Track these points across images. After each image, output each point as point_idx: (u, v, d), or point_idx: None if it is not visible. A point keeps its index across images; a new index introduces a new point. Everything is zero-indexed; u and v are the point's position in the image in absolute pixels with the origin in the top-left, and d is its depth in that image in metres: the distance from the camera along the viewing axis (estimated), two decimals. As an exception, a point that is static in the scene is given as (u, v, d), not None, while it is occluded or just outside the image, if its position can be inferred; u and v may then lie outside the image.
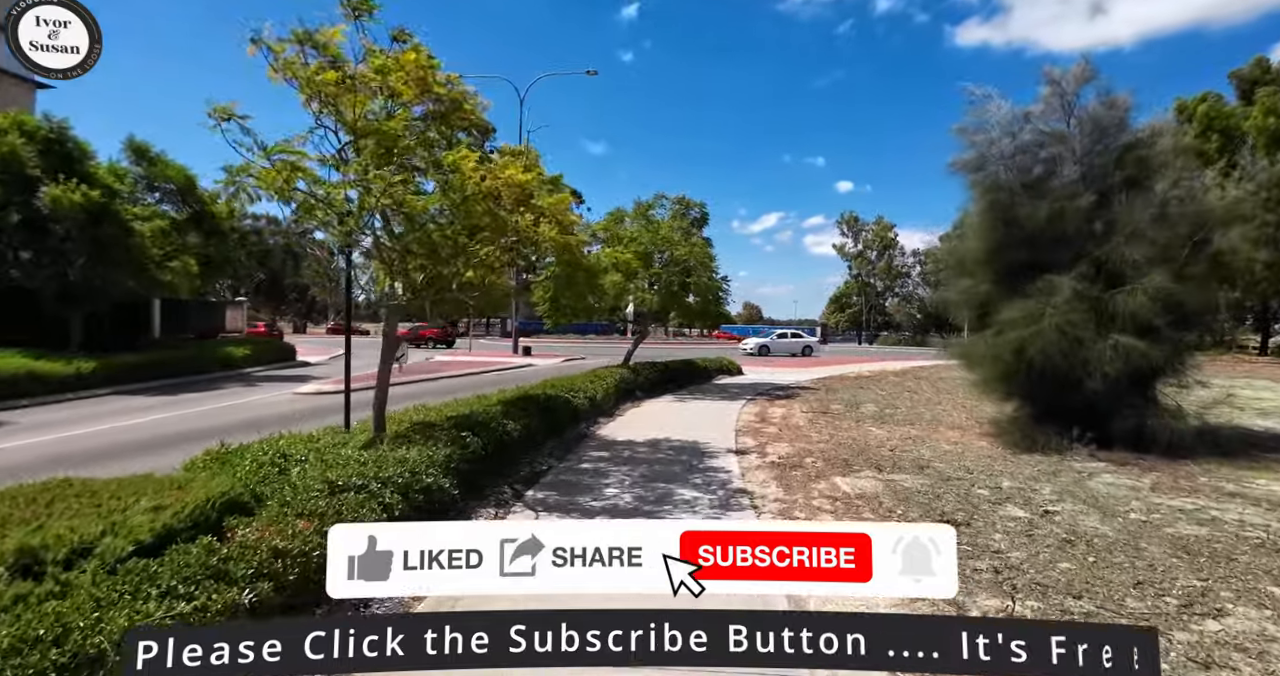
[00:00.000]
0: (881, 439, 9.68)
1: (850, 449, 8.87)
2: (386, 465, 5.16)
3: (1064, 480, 7.25)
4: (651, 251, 15.31)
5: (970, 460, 8.25)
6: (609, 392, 12.42)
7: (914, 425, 11.06)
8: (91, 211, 16.26)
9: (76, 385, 14.95)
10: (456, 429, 6.70)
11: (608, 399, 12.21)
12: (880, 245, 75.17)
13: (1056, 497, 6.47)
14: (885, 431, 10.39)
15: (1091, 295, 8.57)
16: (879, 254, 75.81)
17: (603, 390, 12.11)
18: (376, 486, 4.69)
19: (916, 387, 17.30)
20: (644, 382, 14.78)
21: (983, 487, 6.81)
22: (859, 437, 9.76)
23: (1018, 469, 7.79)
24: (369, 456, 5.49)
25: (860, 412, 12.49)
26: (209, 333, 29.36)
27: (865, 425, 11.00)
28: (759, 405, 13.45)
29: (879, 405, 13.62)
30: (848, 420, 11.53)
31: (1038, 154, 9.33)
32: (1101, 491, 6.77)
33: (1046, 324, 8.61)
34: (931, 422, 11.34)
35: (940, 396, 15.25)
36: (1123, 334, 8.39)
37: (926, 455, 8.52)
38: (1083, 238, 8.99)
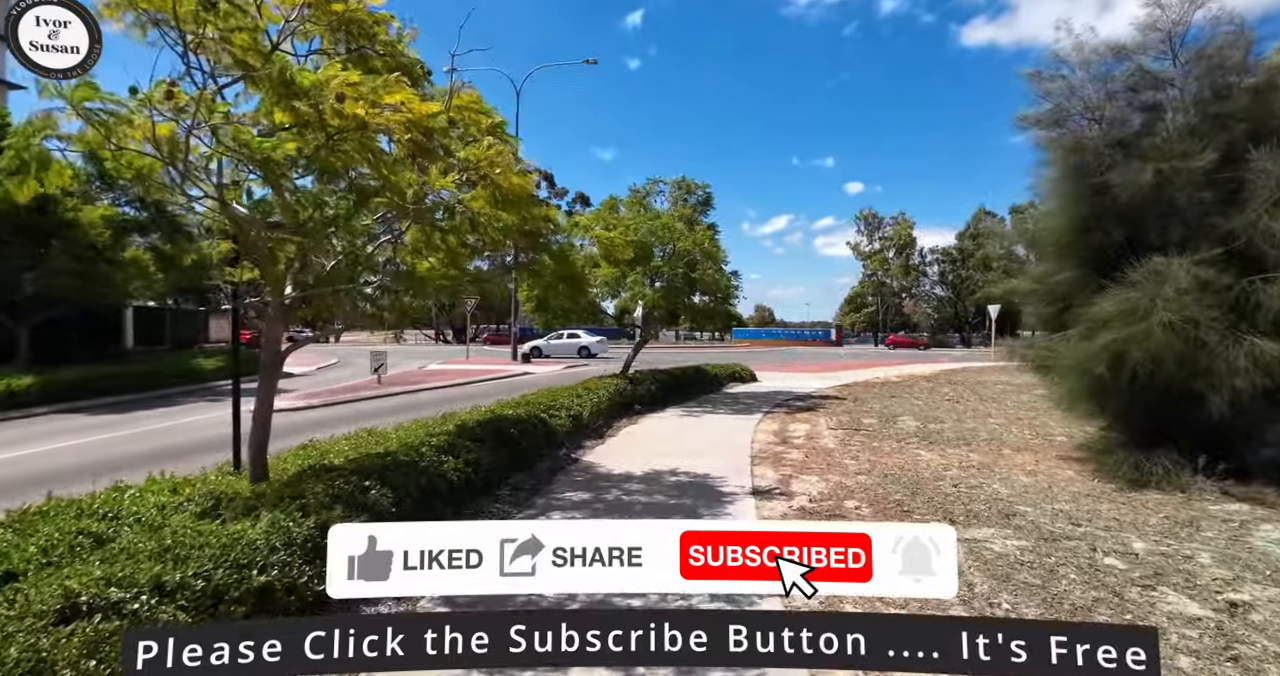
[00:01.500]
0: (936, 467, 7.66)
1: (900, 483, 6.86)
2: (205, 548, 3.26)
3: (1213, 535, 5.21)
4: (650, 242, 13.39)
5: (1066, 501, 6.22)
6: (599, 408, 10.48)
7: (970, 446, 9.02)
8: (30, 208, 14.58)
9: (7, 404, 13.27)
10: (362, 475, 4.78)
11: (597, 416, 10.27)
12: (899, 243, 72.68)
13: (1227, 570, 4.43)
14: (938, 455, 8.36)
15: (1220, 284, 6.51)
16: (897, 252, 73.33)
17: (591, 406, 10.17)
18: (149, 602, 2.77)
19: (957, 395, 15.20)
20: (644, 395, 12.83)
21: (1109, 553, 4.78)
22: (907, 465, 7.74)
23: (1138, 515, 5.75)
24: (202, 529, 3.60)
25: (899, 429, 10.45)
26: (190, 343, 27.78)
27: (911, 447, 8.97)
28: (778, 420, 11.45)
29: (919, 418, 11.57)
30: (887, 440, 9.50)
31: (1134, 101, 7.30)
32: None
33: (1155, 322, 6.56)
34: (991, 443, 9.28)
35: (988, 406, 13.16)
36: (1264, 338, 6.32)
37: (1004, 493, 6.50)
38: (1199, 208, 6.94)
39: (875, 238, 74.51)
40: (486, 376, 22.02)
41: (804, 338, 68.20)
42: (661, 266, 12.54)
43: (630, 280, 12.42)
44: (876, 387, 17.56)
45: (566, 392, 10.75)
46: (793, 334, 70.79)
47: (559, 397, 10.04)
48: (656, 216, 13.22)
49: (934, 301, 78.37)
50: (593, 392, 11.22)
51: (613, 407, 11.42)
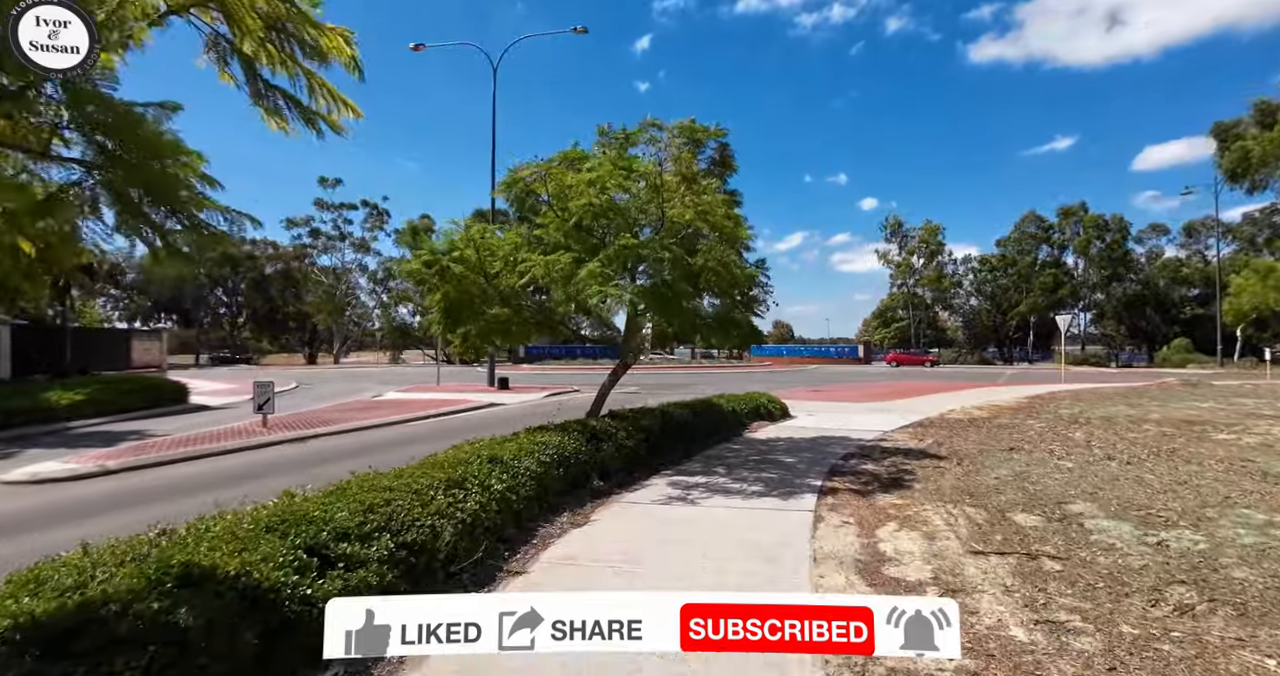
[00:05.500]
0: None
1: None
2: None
3: None
4: (628, 209, 8.36)
5: None
6: (516, 498, 5.39)
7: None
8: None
9: None
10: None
11: (505, 517, 5.18)
12: (928, 251, 67.02)
13: None
14: None
15: None
16: (926, 261, 67.60)
17: (500, 492, 5.12)
18: None
19: (1113, 443, 9.85)
20: (614, 454, 7.70)
21: None
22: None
23: None
24: None
25: (1102, 543, 5.22)
26: (104, 369, 23.15)
27: (1180, 617, 3.75)
28: (848, 516, 6.22)
29: (1110, 506, 6.33)
30: (1111, 582, 4.28)
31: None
32: None
33: None
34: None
35: (1237, 475, 7.84)
36: None
37: None
38: None
39: (903, 246, 68.86)
40: (442, 409, 17.04)
41: (829, 355, 62.52)
42: (638, 246, 7.44)
43: (588, 272, 7.35)
44: (963, 427, 12.25)
45: (477, 458, 5.70)
46: (816, 351, 65.08)
47: (437, 472, 5.03)
48: (629, 164, 8.19)
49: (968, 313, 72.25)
50: (521, 456, 6.18)
51: (552, 487, 6.32)
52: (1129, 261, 62.33)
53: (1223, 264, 50.25)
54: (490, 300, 8.52)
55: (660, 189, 8.20)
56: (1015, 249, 64.82)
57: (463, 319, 8.50)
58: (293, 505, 4.20)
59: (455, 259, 7.97)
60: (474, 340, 8.83)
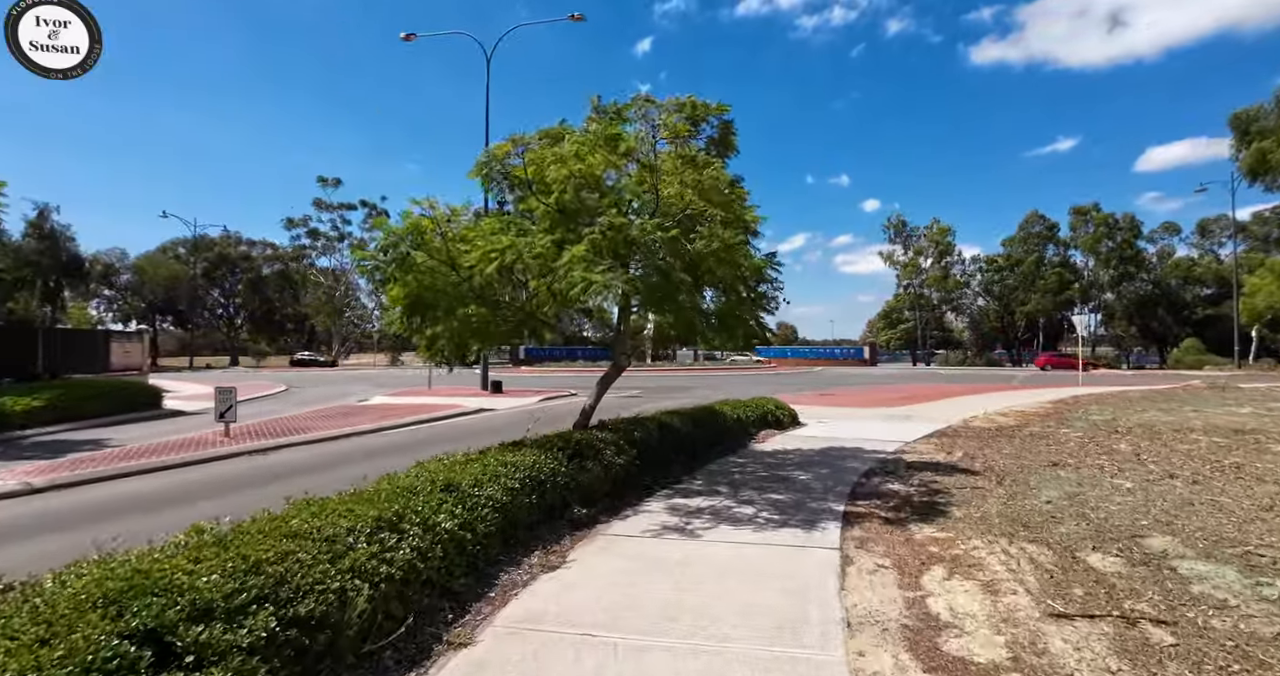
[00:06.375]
0: None
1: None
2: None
3: None
4: (619, 190, 7.28)
5: None
6: (472, 537, 4.29)
7: None
8: None
9: None
10: None
11: (456, 564, 4.09)
12: (937, 250, 65.74)
13: None
14: None
15: None
16: (935, 261, 66.33)
17: (450, 531, 4.03)
18: None
19: (1169, 458, 8.73)
20: (601, 475, 6.60)
21: None
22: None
23: None
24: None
25: (1215, 592, 4.12)
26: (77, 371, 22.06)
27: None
28: (883, 554, 5.11)
29: (1193, 532, 5.23)
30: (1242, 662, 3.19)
31: None
32: None
33: None
34: None
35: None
36: None
37: None
38: None
39: (909, 245, 67.57)
40: (425, 416, 15.95)
41: (834, 356, 61.34)
42: (627, 226, 6.34)
43: (571, 256, 6.27)
44: (992, 437, 11.11)
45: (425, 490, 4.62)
46: (821, 352, 63.88)
47: (396, 503, 3.96)
48: (615, 135, 7.08)
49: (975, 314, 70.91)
50: (492, 479, 5.12)
51: (519, 519, 5.24)
52: (1140, 260, 61.04)
53: (1238, 262, 48.96)
54: (463, 297, 7.42)
55: (654, 169, 7.10)
56: (1021, 249, 63.58)
57: (429, 319, 7.41)
58: (152, 563, 3.11)
59: (417, 246, 6.89)
60: (445, 344, 7.73)
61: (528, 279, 7.57)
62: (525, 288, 8.49)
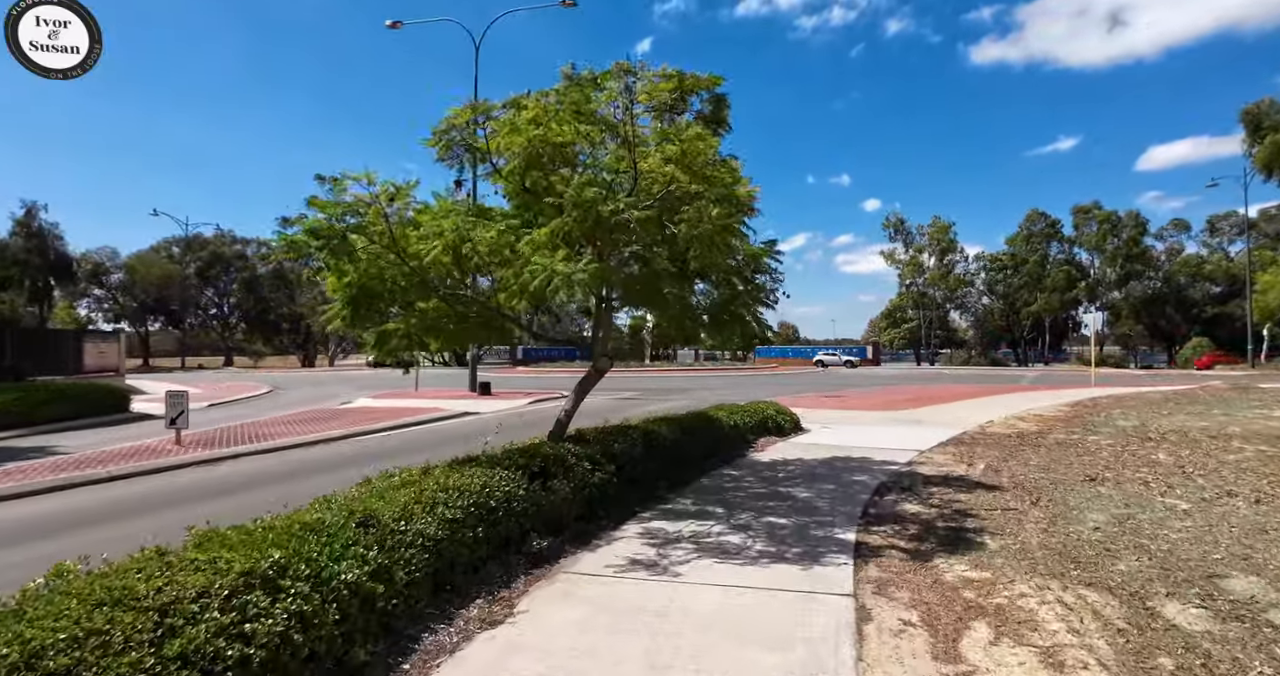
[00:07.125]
0: None
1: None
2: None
3: None
4: (593, 165, 6.31)
5: None
6: (386, 589, 3.28)
7: None
8: None
9: None
10: None
11: (358, 628, 3.11)
12: (939, 248, 64.67)
13: None
14: None
15: None
16: (937, 258, 65.24)
17: (352, 585, 3.02)
18: None
19: (1234, 474, 7.72)
20: (570, 496, 5.63)
21: None
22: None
23: None
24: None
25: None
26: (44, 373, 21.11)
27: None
28: (905, 600, 4.12)
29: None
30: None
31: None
32: None
33: None
34: None
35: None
36: None
37: None
38: None
39: (909, 244, 66.48)
40: (405, 420, 14.99)
41: (835, 355, 60.20)
42: (597, 201, 5.34)
43: (528, 243, 5.30)
44: (1014, 445, 10.12)
45: (335, 524, 3.67)
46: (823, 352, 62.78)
47: (281, 548, 3.00)
48: (586, 96, 6.08)
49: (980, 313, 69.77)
50: (427, 509, 4.19)
51: (464, 554, 4.27)
52: (1147, 258, 59.94)
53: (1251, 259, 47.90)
54: (415, 289, 6.44)
55: (629, 142, 6.10)
56: (1024, 247, 62.54)
57: (375, 314, 6.44)
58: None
59: (357, 229, 5.91)
60: (396, 342, 6.75)
61: (491, 270, 6.60)
62: (491, 279, 7.52)
